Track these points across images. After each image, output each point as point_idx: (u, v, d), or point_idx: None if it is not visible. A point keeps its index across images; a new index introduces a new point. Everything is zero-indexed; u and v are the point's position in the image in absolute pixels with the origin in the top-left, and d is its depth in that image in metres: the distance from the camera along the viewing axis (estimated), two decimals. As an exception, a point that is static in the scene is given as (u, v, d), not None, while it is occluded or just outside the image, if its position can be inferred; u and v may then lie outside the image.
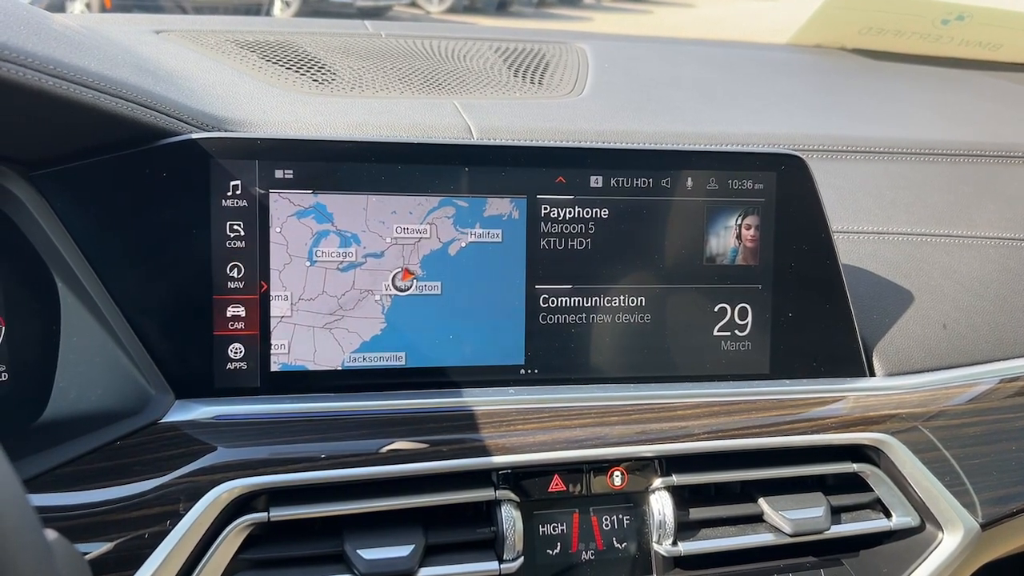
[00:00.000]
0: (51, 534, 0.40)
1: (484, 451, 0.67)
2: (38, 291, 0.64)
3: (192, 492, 0.61)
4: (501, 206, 0.70)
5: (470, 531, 0.67)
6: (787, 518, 0.72)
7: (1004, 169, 1.04)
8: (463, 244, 0.70)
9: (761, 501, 0.73)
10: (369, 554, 0.63)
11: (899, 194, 0.97)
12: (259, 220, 0.66)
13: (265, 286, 0.67)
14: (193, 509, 0.61)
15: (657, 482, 0.71)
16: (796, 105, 1.13)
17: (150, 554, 0.60)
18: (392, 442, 0.66)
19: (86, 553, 0.59)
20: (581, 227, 0.72)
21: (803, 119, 1.09)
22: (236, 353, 0.67)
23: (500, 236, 0.70)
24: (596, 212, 0.72)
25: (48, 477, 0.61)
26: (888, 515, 0.77)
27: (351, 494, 0.65)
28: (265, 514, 0.63)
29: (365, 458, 0.65)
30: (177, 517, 0.60)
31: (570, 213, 0.71)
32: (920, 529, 0.77)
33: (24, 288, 0.64)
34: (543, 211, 0.71)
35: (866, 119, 1.11)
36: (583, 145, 0.74)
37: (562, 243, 0.71)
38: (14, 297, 0.64)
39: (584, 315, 0.72)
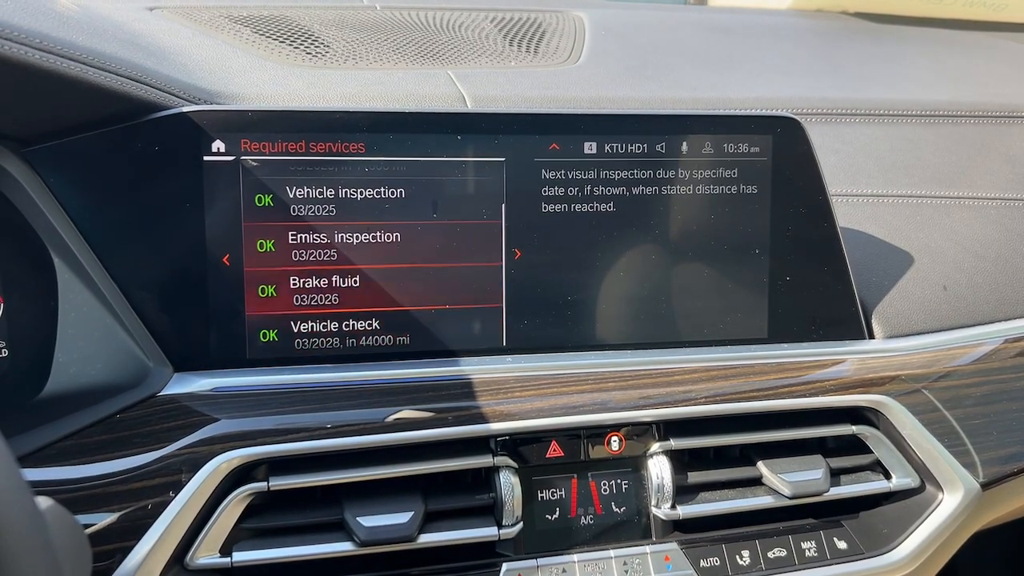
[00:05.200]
0: (45, 502, 0.41)
1: (482, 418, 0.67)
2: (36, 268, 0.64)
3: (192, 463, 0.62)
4: (493, 172, 0.70)
5: (469, 497, 0.68)
6: (786, 480, 0.72)
7: (1006, 129, 1.03)
8: (454, 213, 0.70)
9: (760, 464, 0.74)
10: (369, 521, 0.64)
11: (899, 156, 0.96)
12: (251, 192, 0.66)
13: (260, 258, 0.67)
14: (194, 479, 0.61)
15: (655, 447, 0.72)
16: (796, 69, 1.12)
17: (152, 524, 0.60)
18: (391, 411, 0.66)
19: (90, 524, 0.60)
20: (576, 192, 0.72)
21: (803, 83, 1.07)
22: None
23: (491, 203, 0.70)
24: (591, 178, 0.72)
25: (50, 451, 0.61)
26: (888, 476, 0.77)
27: (350, 463, 0.65)
28: (265, 483, 0.63)
29: (364, 427, 0.65)
30: (178, 487, 0.61)
31: (564, 179, 0.71)
32: (920, 490, 0.77)
33: (22, 265, 0.64)
34: (537, 177, 0.71)
35: (867, 82, 1.10)
36: (576, 111, 0.74)
37: (556, 209, 0.71)
38: (12, 274, 0.64)
39: (579, 282, 0.72)
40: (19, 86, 0.58)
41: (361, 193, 0.68)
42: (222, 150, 0.66)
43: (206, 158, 0.66)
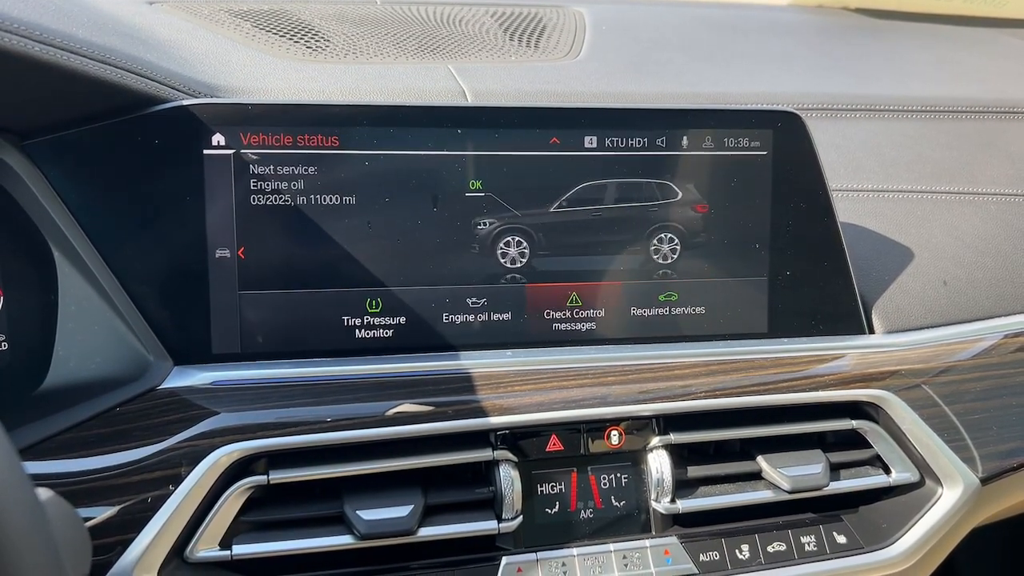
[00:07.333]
0: (45, 494, 0.41)
1: (481, 412, 0.67)
2: (35, 261, 0.64)
3: (192, 456, 0.62)
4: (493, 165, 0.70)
5: (469, 491, 0.68)
6: (786, 475, 0.72)
7: (1007, 125, 1.03)
8: (454, 207, 0.70)
9: (760, 458, 0.74)
10: (369, 515, 0.64)
11: (900, 152, 0.96)
12: (251, 184, 0.66)
13: (260, 252, 0.67)
14: (193, 473, 0.61)
15: (655, 441, 0.72)
16: (797, 65, 1.12)
17: (152, 517, 0.60)
18: (391, 405, 0.66)
19: (90, 517, 0.60)
20: (577, 187, 0.72)
21: (804, 78, 1.07)
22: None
23: (491, 197, 0.70)
24: (591, 172, 0.72)
25: (49, 444, 0.61)
26: (887, 471, 0.77)
27: (350, 456, 0.65)
28: (265, 477, 0.63)
29: (364, 421, 0.65)
30: (178, 481, 0.61)
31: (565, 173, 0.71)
32: (919, 485, 0.77)
33: (21, 258, 0.64)
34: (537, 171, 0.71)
35: (868, 77, 1.09)
36: (577, 105, 0.74)
37: (557, 203, 0.71)
38: (11, 267, 0.64)
39: (579, 275, 0.72)
40: (19, 79, 0.58)
41: (361, 187, 0.68)
42: (222, 143, 0.66)
43: (206, 151, 0.65)
